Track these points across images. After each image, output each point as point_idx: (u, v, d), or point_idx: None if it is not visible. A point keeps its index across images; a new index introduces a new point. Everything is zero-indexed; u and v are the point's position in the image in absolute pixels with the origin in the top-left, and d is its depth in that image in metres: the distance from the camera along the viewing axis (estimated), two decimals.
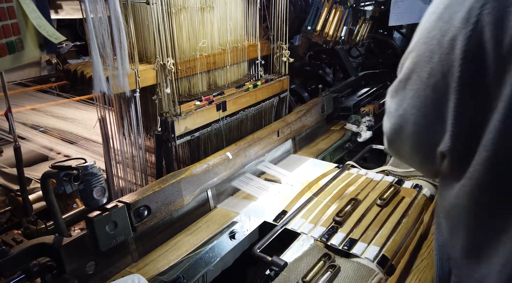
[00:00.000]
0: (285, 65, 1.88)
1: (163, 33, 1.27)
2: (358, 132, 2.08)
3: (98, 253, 1.06)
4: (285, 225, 1.30)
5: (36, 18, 0.87)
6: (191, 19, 1.48)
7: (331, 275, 1.05)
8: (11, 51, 0.85)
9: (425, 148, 0.78)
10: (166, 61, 1.31)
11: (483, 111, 0.63)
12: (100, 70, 1.05)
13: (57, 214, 1.06)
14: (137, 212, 1.13)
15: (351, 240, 1.20)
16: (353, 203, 1.37)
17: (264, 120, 1.84)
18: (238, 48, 1.70)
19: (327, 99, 2.11)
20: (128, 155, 1.41)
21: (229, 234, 1.28)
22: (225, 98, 1.57)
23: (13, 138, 1.16)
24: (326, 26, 2.12)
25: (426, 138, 0.76)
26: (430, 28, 0.69)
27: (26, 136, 1.65)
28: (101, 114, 1.32)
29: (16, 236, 1.05)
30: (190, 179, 1.30)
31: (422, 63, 0.70)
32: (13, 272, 0.96)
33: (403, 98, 0.77)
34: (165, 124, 1.35)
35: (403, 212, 1.34)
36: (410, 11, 2.38)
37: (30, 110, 1.79)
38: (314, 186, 1.55)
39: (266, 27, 1.88)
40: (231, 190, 1.54)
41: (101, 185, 1.00)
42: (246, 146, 1.56)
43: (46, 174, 1.00)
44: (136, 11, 1.35)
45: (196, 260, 1.17)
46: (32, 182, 1.62)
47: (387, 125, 0.85)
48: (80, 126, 1.72)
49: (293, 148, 1.90)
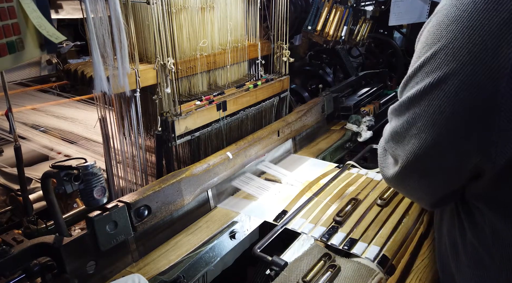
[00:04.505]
0: (285, 65, 1.88)
1: (164, 33, 1.27)
2: (358, 132, 2.08)
3: (99, 253, 1.06)
4: (285, 224, 1.30)
5: (37, 18, 0.87)
6: (192, 19, 1.48)
7: (332, 275, 1.05)
8: (11, 51, 0.85)
9: (452, 166, 0.74)
10: (167, 61, 1.31)
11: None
12: (100, 70, 1.05)
13: (58, 213, 1.06)
14: (137, 212, 1.13)
15: (352, 240, 1.20)
16: (354, 203, 1.37)
17: (265, 120, 1.84)
18: (239, 48, 1.70)
19: (327, 99, 2.10)
20: (129, 154, 1.41)
21: (229, 234, 1.28)
22: (225, 98, 1.57)
23: (14, 138, 1.16)
24: (327, 26, 2.13)
25: (453, 156, 0.71)
26: (455, 37, 0.64)
27: (27, 136, 1.66)
28: (102, 114, 1.32)
29: (16, 236, 1.05)
30: (190, 179, 1.31)
31: (446, 77, 0.65)
32: (14, 272, 0.96)
33: (416, 116, 0.72)
34: (165, 124, 1.35)
35: (403, 212, 1.34)
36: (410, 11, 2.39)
37: (30, 110, 1.80)
38: (315, 186, 1.55)
39: (267, 27, 1.88)
40: (232, 190, 1.54)
41: (102, 184, 1.00)
42: (246, 145, 1.56)
43: (47, 173, 1.00)
44: (136, 11, 1.35)
45: (197, 260, 1.17)
46: (33, 182, 1.62)
47: (399, 153, 0.80)
48: (81, 126, 1.72)
49: (293, 147, 1.90)
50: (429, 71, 0.69)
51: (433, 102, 0.69)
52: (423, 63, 0.71)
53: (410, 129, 0.76)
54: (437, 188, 0.83)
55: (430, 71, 0.69)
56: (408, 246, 1.21)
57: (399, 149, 0.81)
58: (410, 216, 1.33)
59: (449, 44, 0.66)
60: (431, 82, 0.69)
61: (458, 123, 0.68)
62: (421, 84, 0.71)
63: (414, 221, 1.31)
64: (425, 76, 0.70)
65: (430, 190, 0.85)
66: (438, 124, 0.70)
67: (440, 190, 0.84)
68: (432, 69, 0.69)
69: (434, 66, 0.68)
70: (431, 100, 0.69)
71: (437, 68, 0.68)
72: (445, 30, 0.66)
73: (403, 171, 0.83)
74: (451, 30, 0.65)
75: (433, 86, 0.68)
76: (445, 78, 0.66)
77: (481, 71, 0.62)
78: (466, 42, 0.63)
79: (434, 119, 0.70)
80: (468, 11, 0.63)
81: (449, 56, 0.65)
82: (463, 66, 0.64)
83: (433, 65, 0.68)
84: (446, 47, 0.66)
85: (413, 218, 1.32)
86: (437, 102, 0.68)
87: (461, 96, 0.65)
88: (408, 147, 0.77)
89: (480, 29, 0.61)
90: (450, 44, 0.65)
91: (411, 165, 0.79)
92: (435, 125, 0.70)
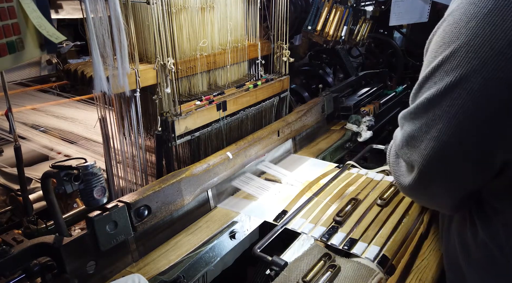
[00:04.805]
0: (285, 65, 1.88)
1: (164, 33, 1.27)
2: (358, 132, 2.08)
3: (99, 253, 1.06)
4: (285, 224, 1.30)
5: (37, 18, 0.87)
6: (192, 19, 1.48)
7: (332, 275, 1.05)
8: (11, 51, 0.85)
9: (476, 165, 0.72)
10: (166, 61, 1.31)
11: None
12: (100, 70, 1.05)
13: (58, 213, 1.06)
14: (137, 212, 1.13)
15: (352, 240, 1.20)
16: (354, 203, 1.37)
17: (265, 120, 1.84)
18: (239, 48, 1.70)
19: (327, 99, 2.10)
20: (128, 154, 1.41)
21: (229, 234, 1.28)
22: (225, 98, 1.57)
23: (14, 138, 1.16)
24: (327, 26, 2.12)
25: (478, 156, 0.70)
26: (476, 34, 0.63)
27: (27, 136, 1.66)
28: (102, 114, 1.32)
29: (16, 236, 1.05)
30: (190, 179, 1.31)
31: (469, 75, 0.64)
32: (14, 272, 0.96)
33: (436, 118, 0.70)
34: (165, 124, 1.35)
35: (403, 212, 1.34)
36: (411, 11, 2.38)
37: (30, 110, 1.79)
38: (315, 186, 1.55)
39: (267, 27, 1.88)
40: (231, 190, 1.54)
41: (102, 184, 1.00)
42: (246, 145, 1.56)
43: (47, 173, 1.00)
44: (136, 11, 1.35)
45: (197, 260, 1.17)
46: (33, 182, 1.62)
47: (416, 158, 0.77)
48: (81, 126, 1.72)
49: (293, 147, 1.90)
50: (449, 70, 0.68)
51: (455, 101, 0.67)
52: (441, 62, 0.69)
53: (429, 132, 0.73)
54: (460, 190, 0.81)
55: (450, 70, 0.68)
56: (408, 246, 1.21)
57: (415, 153, 0.78)
58: (410, 216, 1.33)
59: (469, 41, 0.65)
60: (452, 81, 0.67)
61: (483, 121, 0.66)
62: (440, 84, 0.69)
63: (414, 221, 1.31)
64: (445, 75, 0.68)
65: (453, 193, 0.82)
66: (462, 124, 0.68)
67: (462, 191, 0.81)
68: (452, 67, 0.67)
69: (454, 64, 0.67)
70: (453, 100, 0.67)
71: (458, 66, 0.66)
72: (464, 28, 0.66)
73: (422, 176, 0.80)
74: (471, 27, 0.64)
75: (454, 85, 0.67)
76: (467, 76, 0.65)
77: (506, 66, 0.61)
78: (488, 39, 0.62)
79: (457, 119, 0.68)
80: (488, 8, 0.63)
81: (471, 53, 0.64)
82: (486, 63, 0.63)
83: (452, 63, 0.67)
84: (466, 44, 0.65)
85: (413, 218, 1.32)
86: (459, 101, 0.66)
87: (485, 93, 0.64)
88: (427, 150, 0.75)
89: (502, 25, 0.61)
90: (471, 41, 0.64)
91: (430, 169, 0.77)
92: (458, 126, 0.68)
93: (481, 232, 0.83)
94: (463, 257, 0.91)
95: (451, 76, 0.67)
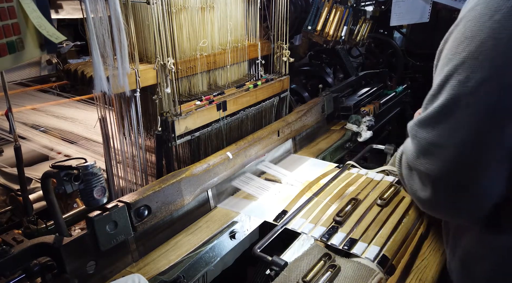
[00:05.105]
0: (285, 65, 1.88)
1: (164, 33, 1.27)
2: (358, 132, 2.08)
3: (99, 253, 1.06)
4: (285, 224, 1.30)
5: (37, 18, 0.87)
6: (192, 19, 1.48)
7: (332, 275, 1.05)
8: (11, 51, 0.85)
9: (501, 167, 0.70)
10: (167, 61, 1.31)
11: None
12: (100, 70, 1.05)
13: (58, 213, 1.06)
14: (137, 212, 1.13)
15: (352, 240, 1.20)
16: (354, 203, 1.37)
17: (265, 120, 1.84)
18: (239, 48, 1.70)
19: (327, 99, 2.10)
20: (129, 154, 1.41)
21: (229, 234, 1.28)
22: (225, 98, 1.57)
23: (14, 138, 1.16)
24: (327, 26, 2.12)
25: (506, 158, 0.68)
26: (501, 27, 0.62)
27: (27, 136, 1.66)
28: (102, 114, 1.32)
29: (16, 236, 1.06)
30: (190, 179, 1.31)
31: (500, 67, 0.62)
32: (14, 272, 0.96)
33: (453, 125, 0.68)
34: (165, 124, 1.35)
35: (403, 212, 1.34)
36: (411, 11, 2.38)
37: (30, 110, 1.79)
38: (315, 186, 1.55)
39: (267, 27, 1.88)
40: (231, 190, 1.54)
41: (102, 184, 1.00)
42: (246, 145, 1.56)
43: (47, 173, 1.00)
44: (136, 11, 1.35)
45: (197, 260, 1.17)
46: (33, 182, 1.62)
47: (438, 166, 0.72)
48: (81, 126, 1.72)
49: (293, 147, 1.90)
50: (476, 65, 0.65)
51: (487, 98, 0.64)
52: (466, 58, 0.66)
53: (450, 138, 0.70)
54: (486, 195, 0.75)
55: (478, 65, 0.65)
56: (408, 246, 1.21)
57: (434, 161, 0.74)
58: (410, 216, 1.33)
59: (495, 34, 0.63)
60: (483, 77, 0.64)
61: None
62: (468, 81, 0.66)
63: (414, 221, 1.31)
64: (472, 71, 0.65)
65: (477, 199, 0.77)
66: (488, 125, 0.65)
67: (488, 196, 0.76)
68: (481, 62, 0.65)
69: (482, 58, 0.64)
70: (486, 96, 0.64)
71: (486, 59, 0.64)
72: (489, 21, 0.64)
73: (445, 185, 0.75)
74: (496, 20, 0.63)
75: (486, 80, 0.64)
76: (498, 70, 0.63)
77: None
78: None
79: (489, 115, 0.65)
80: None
81: (501, 47, 0.63)
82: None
83: (481, 57, 0.65)
84: (493, 38, 0.64)
85: (413, 218, 1.32)
86: (492, 98, 0.63)
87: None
88: (449, 157, 0.71)
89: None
90: (498, 34, 0.63)
91: (453, 176, 0.73)
92: (490, 123, 0.65)
93: (491, 234, 0.82)
94: (474, 261, 0.90)
95: (480, 72, 0.64)
